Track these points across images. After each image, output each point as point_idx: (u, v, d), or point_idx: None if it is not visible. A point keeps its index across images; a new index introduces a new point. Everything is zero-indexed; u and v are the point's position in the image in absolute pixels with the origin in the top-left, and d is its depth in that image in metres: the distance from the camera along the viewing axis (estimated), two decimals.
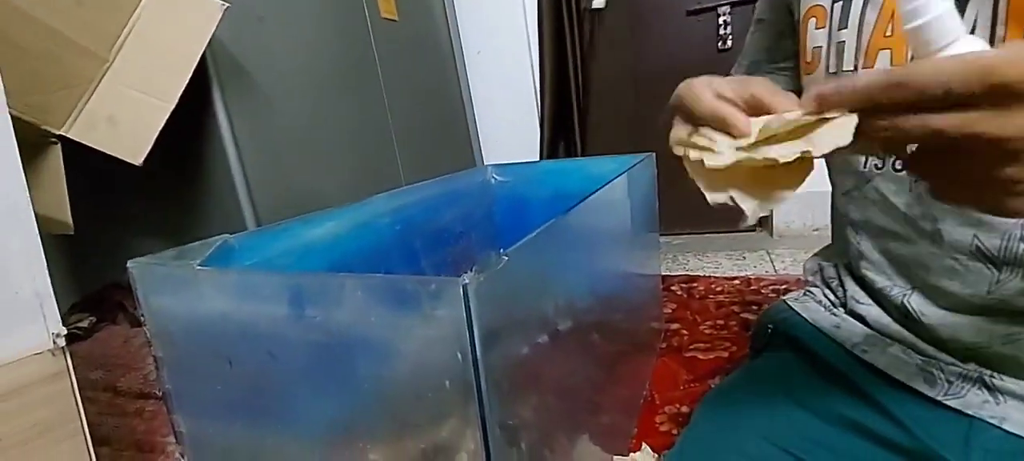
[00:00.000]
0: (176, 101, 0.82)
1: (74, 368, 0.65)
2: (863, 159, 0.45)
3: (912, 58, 0.28)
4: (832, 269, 0.54)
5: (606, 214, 0.82)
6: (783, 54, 0.55)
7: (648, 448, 0.71)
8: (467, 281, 0.34)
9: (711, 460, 0.46)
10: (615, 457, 0.71)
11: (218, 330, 0.50)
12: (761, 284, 1.32)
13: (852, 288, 0.50)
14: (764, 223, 1.84)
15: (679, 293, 1.34)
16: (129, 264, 0.55)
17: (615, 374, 0.85)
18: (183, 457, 0.59)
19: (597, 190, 0.74)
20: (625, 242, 0.95)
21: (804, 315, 0.52)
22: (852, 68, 0.42)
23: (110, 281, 1.14)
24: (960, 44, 0.24)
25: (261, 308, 0.45)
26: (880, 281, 0.46)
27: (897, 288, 0.44)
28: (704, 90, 0.32)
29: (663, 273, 1.56)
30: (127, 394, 0.92)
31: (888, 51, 0.40)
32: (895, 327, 0.45)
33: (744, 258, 1.61)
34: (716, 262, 1.60)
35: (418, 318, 0.37)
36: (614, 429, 0.80)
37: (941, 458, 0.38)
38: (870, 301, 0.47)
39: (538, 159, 1.79)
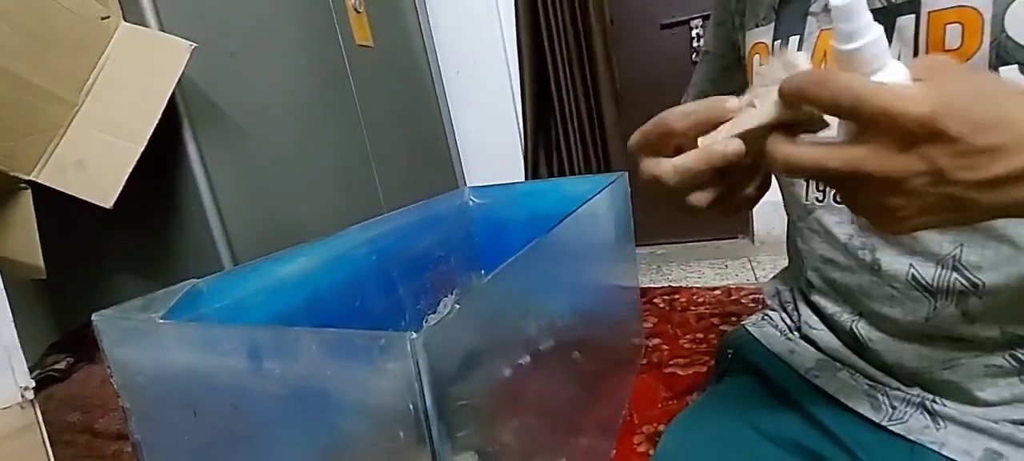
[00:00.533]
0: (145, 142, 0.82)
1: (50, 411, 0.64)
2: (805, 191, 0.46)
3: None
4: (788, 293, 0.55)
5: (581, 235, 0.83)
6: (729, 87, 0.56)
7: None
8: (414, 336, 0.35)
9: None
10: None
11: (182, 381, 0.51)
12: (741, 294, 1.33)
13: (805, 313, 0.51)
14: (745, 230, 1.86)
15: (661, 306, 1.35)
16: (94, 317, 0.55)
17: (594, 395, 0.85)
18: None
19: (570, 212, 0.75)
20: (601, 263, 0.96)
21: (761, 340, 0.54)
22: None
23: (87, 321, 1.14)
24: (886, 71, 0.25)
25: (222, 360, 0.45)
26: (829, 307, 0.47)
27: (846, 314, 0.45)
28: (671, 112, 0.32)
29: (647, 285, 1.57)
30: (104, 435, 0.91)
31: None
32: (845, 351, 0.46)
33: (726, 266, 1.62)
34: (699, 271, 1.61)
35: (370, 371, 0.37)
36: (592, 452, 0.80)
37: None
38: (822, 326, 0.48)
39: (523, 175, 1.81)
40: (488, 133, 1.88)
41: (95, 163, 0.82)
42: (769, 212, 1.76)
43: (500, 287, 0.51)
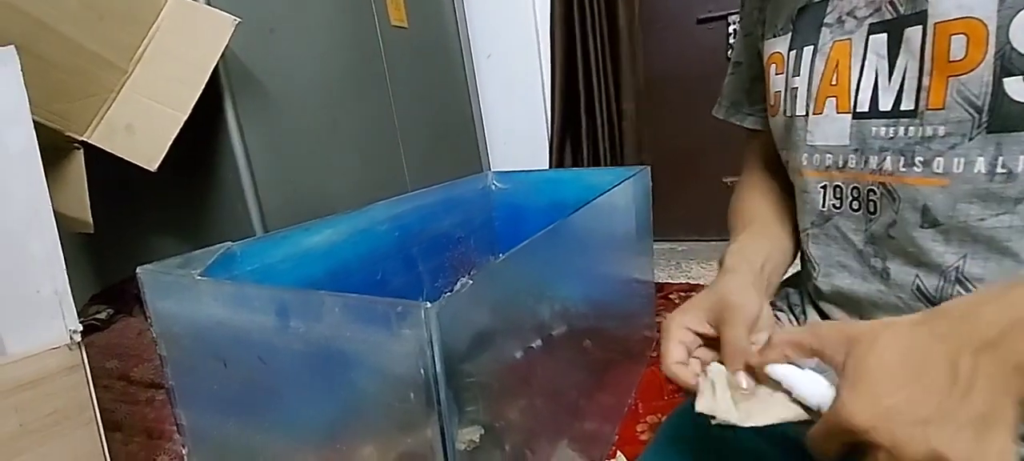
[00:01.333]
0: (189, 111, 0.87)
1: (90, 358, 0.70)
2: (822, 199, 0.46)
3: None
4: (797, 296, 0.56)
5: (598, 226, 0.84)
6: (758, 96, 0.57)
7: (623, 457, 0.74)
8: (429, 306, 0.38)
9: None
10: None
11: (214, 334, 0.55)
12: None
13: (813, 317, 0.51)
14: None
15: (677, 302, 1.36)
16: (138, 270, 0.60)
17: (601, 382, 0.88)
18: (185, 447, 0.64)
19: (589, 201, 0.77)
20: (618, 253, 0.97)
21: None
22: (804, 113, 0.44)
23: (127, 276, 1.21)
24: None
25: (252, 317, 0.49)
26: (836, 313, 0.48)
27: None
28: (670, 345, 0.38)
29: (664, 280, 1.57)
30: (139, 383, 0.98)
31: (834, 98, 0.42)
32: None
33: None
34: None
35: (387, 336, 0.40)
36: (595, 436, 0.82)
37: None
38: None
39: (548, 164, 1.82)
40: (515, 119, 1.90)
41: (142, 128, 0.87)
42: None
43: (515, 267, 0.54)
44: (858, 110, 0.40)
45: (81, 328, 0.68)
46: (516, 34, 1.82)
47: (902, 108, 0.38)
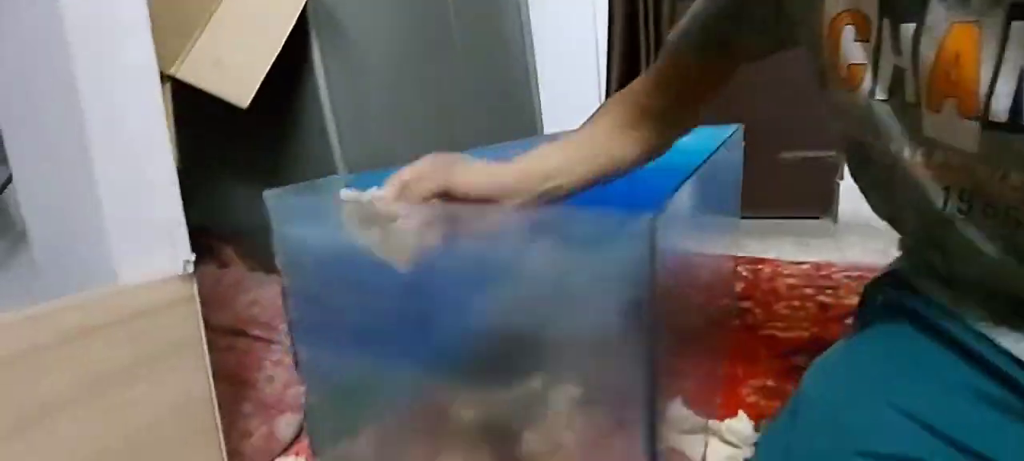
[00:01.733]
0: (280, 46, 0.83)
1: None
2: (944, 200, 0.38)
3: None
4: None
5: (714, 185, 0.81)
6: (749, 22, 0.49)
7: (744, 415, 0.71)
8: (651, 216, 0.34)
9: (838, 430, 0.44)
10: (710, 422, 0.71)
11: (351, 262, 0.52)
12: (833, 270, 1.29)
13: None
14: (828, 211, 1.79)
15: (746, 274, 1.32)
16: (265, 194, 0.56)
17: (702, 344, 0.84)
18: (303, 385, 0.62)
19: (706, 159, 0.73)
20: (719, 215, 0.94)
21: (919, 287, 0.48)
22: (915, 102, 0.36)
23: (198, 225, 1.19)
24: None
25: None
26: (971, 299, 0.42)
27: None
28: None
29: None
30: (218, 330, 0.96)
31: (954, 100, 0.33)
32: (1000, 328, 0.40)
33: (808, 245, 1.57)
34: (779, 247, 1.56)
35: (592, 254, 0.37)
36: (700, 397, 0.79)
37: None
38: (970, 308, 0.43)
39: None
40: (572, 84, 1.85)
41: (232, 63, 0.84)
42: (857, 193, 1.68)
43: (686, 204, 0.50)
44: (993, 119, 0.31)
45: (194, 259, 0.65)
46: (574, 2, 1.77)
47: None
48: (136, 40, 0.59)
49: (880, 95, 0.38)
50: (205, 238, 1.22)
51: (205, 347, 0.66)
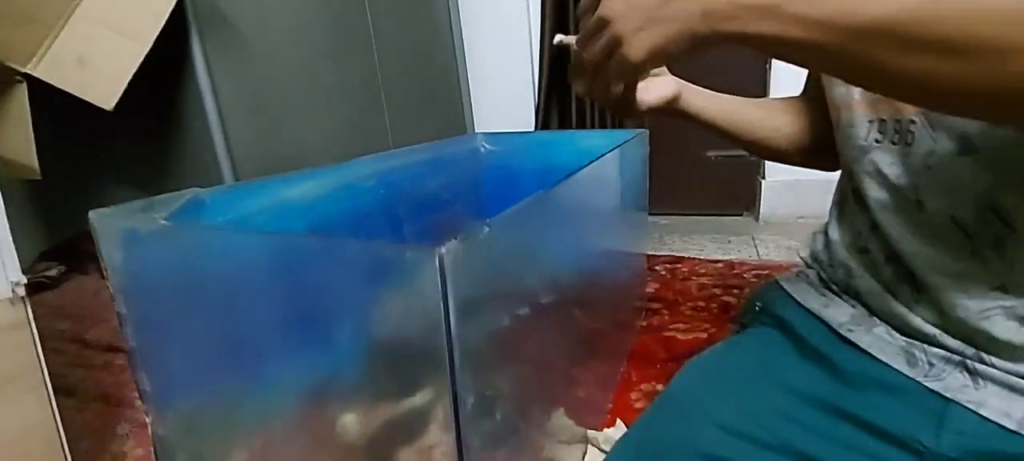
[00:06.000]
0: (150, 43, 0.78)
1: (39, 319, 0.62)
2: (865, 132, 0.45)
3: None
4: (822, 236, 0.54)
5: (595, 189, 0.80)
6: None
7: (622, 424, 0.71)
8: (444, 250, 0.33)
9: (684, 427, 0.46)
10: (589, 432, 0.71)
11: (185, 288, 0.48)
12: (744, 268, 1.32)
13: (851, 263, 0.49)
14: (751, 208, 1.85)
15: (663, 273, 1.34)
16: (91, 215, 0.52)
17: (594, 349, 0.85)
18: (148, 415, 0.58)
19: (588, 164, 0.72)
20: (613, 219, 0.94)
21: (793, 295, 0.52)
22: None
23: (80, 230, 1.11)
24: None
25: (230, 267, 0.43)
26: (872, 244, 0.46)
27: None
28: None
29: (649, 252, 1.56)
30: (95, 346, 0.90)
31: None
32: (885, 297, 0.44)
33: (729, 242, 1.61)
34: (701, 244, 1.60)
35: (393, 285, 0.35)
36: (590, 404, 0.80)
37: (914, 439, 0.38)
38: (864, 272, 0.47)
39: (533, 127, 1.77)
40: (500, 83, 1.83)
41: (96, 61, 0.78)
42: (777, 191, 1.74)
43: (522, 223, 0.49)
44: None
45: (25, 281, 0.60)
46: None
47: None
48: None
49: None
50: (89, 244, 1.14)
51: (45, 374, 0.61)
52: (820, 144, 0.60)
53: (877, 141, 0.44)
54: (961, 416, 0.38)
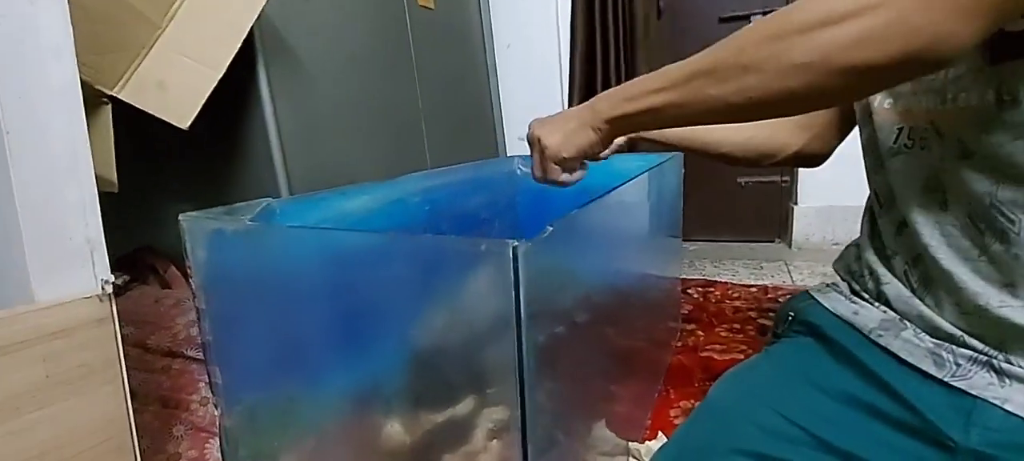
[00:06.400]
0: (223, 70, 0.85)
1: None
2: (896, 138, 0.48)
3: None
4: (854, 251, 0.56)
5: (633, 208, 0.83)
6: None
7: (663, 436, 0.72)
8: (517, 243, 0.36)
9: (723, 429, 0.48)
10: (631, 444, 0.72)
11: (264, 286, 0.53)
12: (779, 293, 1.32)
13: (879, 269, 0.51)
14: (783, 235, 1.84)
15: (696, 296, 1.35)
16: (180, 217, 0.57)
17: (633, 364, 0.86)
18: (217, 408, 0.62)
19: (626, 182, 0.75)
20: (650, 238, 0.96)
21: (824, 304, 0.54)
22: None
23: (142, 244, 1.18)
24: None
25: (310, 264, 0.47)
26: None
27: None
28: None
29: (681, 276, 1.56)
30: (155, 351, 0.95)
31: None
32: (913, 301, 0.46)
33: (761, 268, 1.60)
34: (733, 270, 1.60)
35: (466, 279, 0.38)
36: (629, 419, 0.81)
37: (944, 435, 0.41)
38: (891, 278, 0.49)
39: None
40: (531, 109, 1.88)
41: (175, 85, 0.85)
42: (809, 218, 1.73)
43: (575, 229, 0.52)
44: None
45: (113, 280, 0.65)
46: (537, 23, 1.82)
47: None
48: (60, 61, 0.60)
49: None
50: (151, 258, 1.21)
51: (122, 368, 0.66)
52: (781, 147, 0.69)
53: (906, 146, 0.47)
54: (987, 412, 0.40)
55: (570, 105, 1.77)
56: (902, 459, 0.43)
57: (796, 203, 1.77)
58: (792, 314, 0.59)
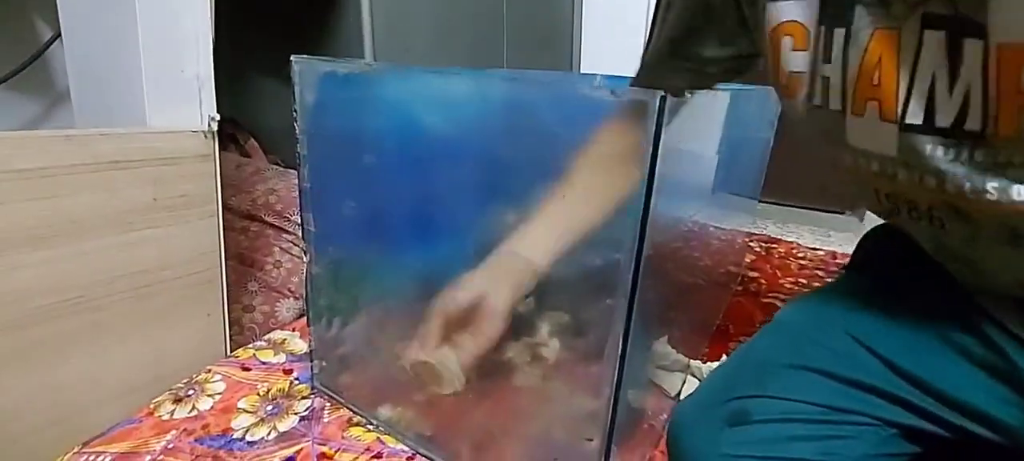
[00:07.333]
0: None
1: None
2: (878, 199, 0.40)
3: None
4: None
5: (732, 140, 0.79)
6: (690, 49, 0.47)
7: (725, 357, 0.72)
8: (662, 95, 0.35)
9: (788, 345, 0.45)
10: (692, 362, 0.72)
11: (371, 134, 0.53)
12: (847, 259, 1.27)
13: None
14: (855, 207, 1.75)
15: (758, 250, 1.31)
16: (293, 59, 0.58)
17: (692, 298, 0.85)
18: (305, 255, 0.64)
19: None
20: (739, 170, 0.93)
21: (912, 233, 0.49)
22: (839, 109, 0.36)
23: (226, 116, 1.22)
24: None
25: (430, 109, 0.47)
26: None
27: None
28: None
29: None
30: (235, 212, 0.99)
31: (876, 102, 0.34)
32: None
33: (829, 236, 1.54)
34: (798, 234, 1.54)
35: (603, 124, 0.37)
36: (688, 341, 0.80)
37: None
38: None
39: None
40: (613, 37, 1.80)
41: None
42: None
43: (694, 115, 0.49)
44: (908, 122, 0.33)
45: (218, 118, 0.68)
46: None
47: (966, 128, 0.31)
48: None
49: (816, 101, 0.38)
50: (232, 128, 1.25)
51: (219, 206, 0.69)
52: None
53: (893, 213, 0.40)
54: None
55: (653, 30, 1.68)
56: (987, 399, 0.39)
57: None
58: (872, 241, 0.56)
